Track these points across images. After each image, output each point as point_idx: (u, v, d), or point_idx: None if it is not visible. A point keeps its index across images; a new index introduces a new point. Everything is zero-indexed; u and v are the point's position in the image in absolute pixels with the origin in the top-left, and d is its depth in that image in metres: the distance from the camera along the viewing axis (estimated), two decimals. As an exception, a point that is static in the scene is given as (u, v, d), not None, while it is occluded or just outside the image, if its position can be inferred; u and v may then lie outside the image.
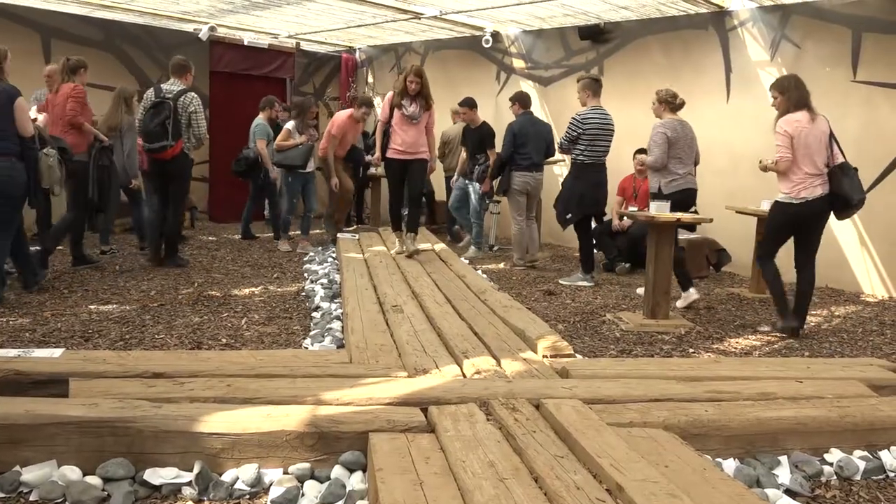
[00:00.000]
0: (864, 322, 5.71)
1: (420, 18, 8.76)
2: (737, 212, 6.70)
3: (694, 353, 4.56)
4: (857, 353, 4.78)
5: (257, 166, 8.19)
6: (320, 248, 8.10)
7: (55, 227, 6.30)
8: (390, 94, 6.58)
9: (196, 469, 2.44)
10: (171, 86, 6.44)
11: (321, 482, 2.50)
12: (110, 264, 6.72)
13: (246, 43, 10.37)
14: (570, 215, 6.50)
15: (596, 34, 8.61)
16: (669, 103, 5.96)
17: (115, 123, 6.87)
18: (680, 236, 7.08)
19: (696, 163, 6.06)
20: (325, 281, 6.02)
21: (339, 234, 8.17)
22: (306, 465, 2.55)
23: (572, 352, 3.81)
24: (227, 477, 2.49)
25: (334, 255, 7.41)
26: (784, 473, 2.72)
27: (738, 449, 2.84)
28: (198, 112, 6.41)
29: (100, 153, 6.27)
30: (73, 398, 2.73)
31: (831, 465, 2.83)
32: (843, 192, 4.79)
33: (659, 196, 5.64)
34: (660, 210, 5.28)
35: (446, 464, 2.36)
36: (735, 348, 4.75)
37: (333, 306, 5.14)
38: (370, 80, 11.69)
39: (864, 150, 6.82)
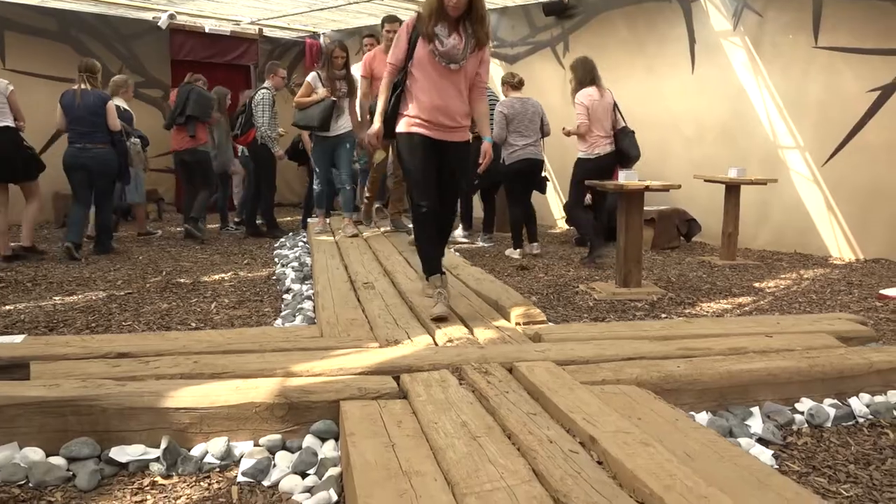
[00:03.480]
0: (833, 283, 5.78)
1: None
2: (705, 180, 6.74)
3: (666, 317, 4.58)
4: (826, 311, 4.83)
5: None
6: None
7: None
8: (409, 19, 3.85)
9: (163, 444, 2.39)
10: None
11: (292, 452, 2.46)
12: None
13: (207, 30, 10.21)
14: (476, 182, 7.06)
15: (560, 10, 8.59)
16: (509, 83, 6.70)
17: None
18: (650, 207, 7.15)
19: (544, 134, 6.68)
20: (295, 264, 5.96)
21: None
22: (277, 436, 2.51)
23: (545, 319, 3.80)
24: (196, 451, 2.44)
25: (305, 239, 7.33)
26: (756, 423, 2.74)
27: (711, 402, 2.85)
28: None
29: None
30: (35, 380, 2.66)
31: (802, 413, 2.85)
32: (624, 149, 6.11)
33: (501, 166, 6.48)
34: (628, 179, 5.29)
35: (419, 426, 2.34)
36: (707, 312, 4.78)
37: (305, 287, 5.08)
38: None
39: (827, 115, 6.91)
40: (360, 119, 6.54)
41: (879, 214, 6.70)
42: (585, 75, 6.14)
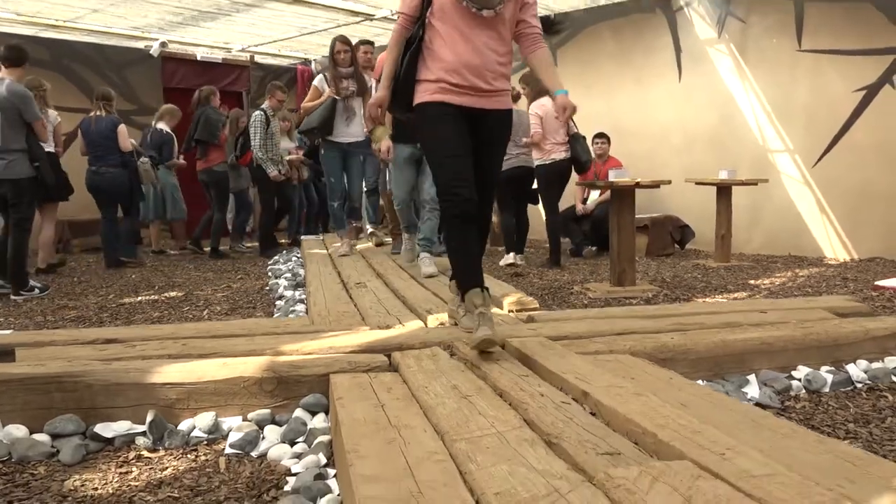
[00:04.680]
0: (828, 279, 5.76)
1: (372, 20, 8.78)
2: (697, 183, 6.76)
3: (661, 310, 4.55)
4: (822, 301, 4.81)
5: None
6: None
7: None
8: None
9: (149, 417, 2.34)
10: None
11: (281, 426, 2.41)
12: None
13: (199, 58, 10.31)
14: None
15: (548, 25, 8.70)
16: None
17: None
18: (643, 215, 7.16)
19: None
20: (289, 275, 5.93)
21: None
22: (266, 411, 2.47)
23: (538, 306, 3.77)
24: (183, 426, 2.40)
25: (299, 254, 7.32)
26: (753, 390, 2.70)
27: (706, 371, 2.81)
28: None
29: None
30: (20, 362, 2.62)
31: (799, 380, 2.81)
32: (577, 155, 6.27)
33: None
34: (619, 177, 5.30)
35: (408, 391, 2.30)
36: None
37: (297, 293, 5.05)
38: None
39: (815, 116, 6.96)
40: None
41: (872, 214, 6.71)
42: (539, 87, 6.23)
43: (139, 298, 5.35)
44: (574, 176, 6.63)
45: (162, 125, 8.10)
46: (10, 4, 7.89)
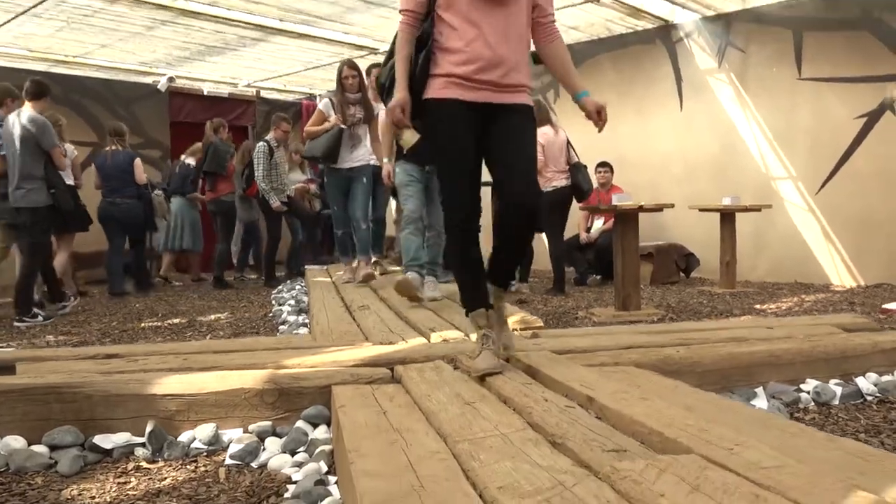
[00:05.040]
0: (835, 304, 5.72)
1: (377, 54, 8.90)
2: (700, 209, 6.77)
3: (667, 332, 4.51)
4: (829, 323, 4.76)
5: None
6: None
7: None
8: None
9: (149, 428, 2.31)
10: None
11: (282, 438, 2.38)
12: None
13: (206, 93, 10.45)
14: None
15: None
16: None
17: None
18: (647, 243, 7.15)
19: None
20: (292, 302, 5.92)
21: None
22: (267, 423, 2.44)
23: (542, 324, 3.74)
24: (183, 437, 2.36)
25: (303, 284, 7.31)
26: (761, 403, 2.66)
27: (713, 385, 2.77)
28: None
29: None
30: (20, 375, 2.60)
31: (808, 392, 2.77)
32: (577, 183, 6.41)
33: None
34: (621, 201, 5.31)
35: (411, 400, 2.27)
36: (708, 327, 4.71)
37: (301, 318, 5.03)
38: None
39: (817, 143, 6.99)
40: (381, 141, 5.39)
41: (876, 240, 6.69)
42: (541, 116, 6.18)
43: (143, 325, 5.33)
44: (576, 204, 6.65)
45: (191, 160, 8.49)
46: (21, 41, 8.04)
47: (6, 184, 5.51)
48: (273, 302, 6.41)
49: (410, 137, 2.64)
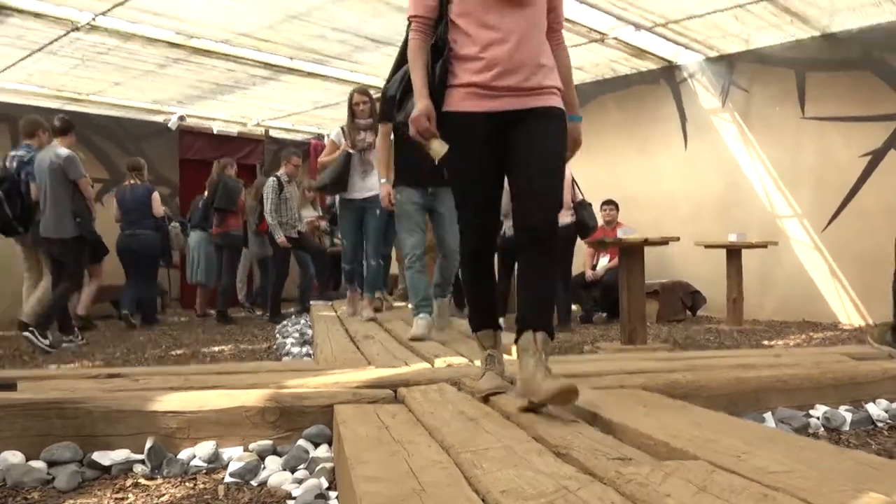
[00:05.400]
0: (844, 340, 5.66)
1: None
2: (706, 246, 6.76)
3: (674, 364, 4.46)
4: (838, 357, 4.71)
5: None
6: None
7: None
8: None
9: (148, 444, 2.29)
10: None
11: (282, 456, 2.35)
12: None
13: (215, 131, 10.59)
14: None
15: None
16: None
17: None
18: (653, 280, 7.13)
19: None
20: (296, 335, 5.90)
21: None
22: (268, 441, 2.40)
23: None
24: (183, 455, 2.33)
25: (308, 319, 7.29)
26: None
27: (721, 410, 2.72)
28: None
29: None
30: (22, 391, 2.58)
31: (817, 418, 2.73)
32: (583, 220, 6.41)
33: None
34: (626, 234, 5.31)
35: (413, 417, 2.24)
36: (715, 360, 4.66)
37: (304, 349, 5.01)
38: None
39: (822, 181, 7.01)
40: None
41: (885, 277, 6.58)
42: None
43: (146, 355, 5.31)
44: (581, 242, 6.66)
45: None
46: (35, 78, 8.19)
47: (40, 211, 5.82)
48: (277, 335, 6.39)
49: (440, 147, 2.35)
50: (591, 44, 7.33)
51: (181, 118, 9.92)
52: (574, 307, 8.08)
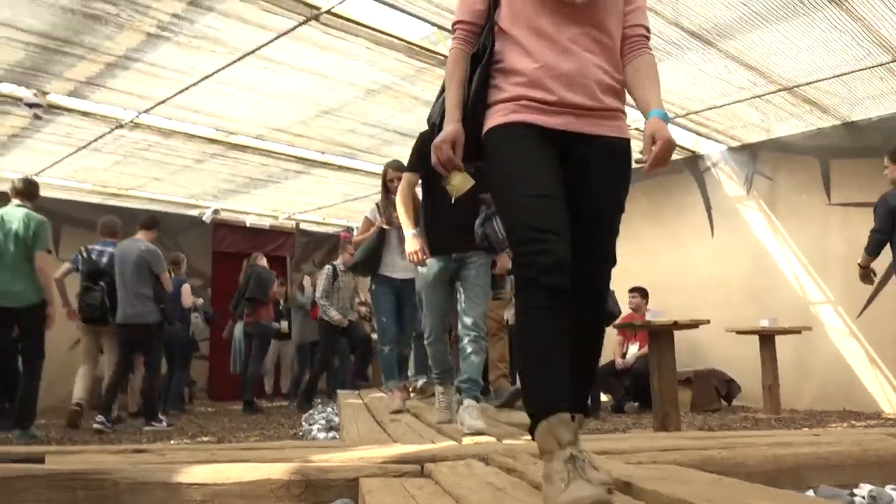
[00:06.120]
0: (887, 428, 5.44)
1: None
2: (738, 332, 6.66)
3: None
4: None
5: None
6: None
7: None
8: None
9: (172, 515, 2.26)
10: None
11: (308, 530, 2.30)
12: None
13: (248, 224, 10.86)
14: None
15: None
16: None
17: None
18: (685, 368, 6.99)
19: None
20: (322, 422, 5.83)
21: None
22: (292, 515, 2.36)
23: (577, 434, 3.62)
24: (206, 528, 2.30)
25: (334, 407, 7.22)
26: (812, 507, 2.51)
27: (759, 488, 2.63)
28: None
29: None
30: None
31: (863, 497, 2.61)
32: (608, 308, 5.97)
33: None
34: (655, 317, 5.27)
35: (441, 489, 2.19)
36: (752, 446, 4.50)
37: (330, 434, 4.94)
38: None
39: (852, 266, 6.87)
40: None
41: (925, 364, 6.47)
42: None
43: (172, 441, 5.28)
44: (610, 331, 6.60)
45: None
46: (80, 174, 8.55)
47: (116, 298, 6.22)
48: (304, 423, 6.33)
49: (461, 183, 2.10)
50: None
51: (215, 212, 10.22)
52: (605, 397, 7.94)
